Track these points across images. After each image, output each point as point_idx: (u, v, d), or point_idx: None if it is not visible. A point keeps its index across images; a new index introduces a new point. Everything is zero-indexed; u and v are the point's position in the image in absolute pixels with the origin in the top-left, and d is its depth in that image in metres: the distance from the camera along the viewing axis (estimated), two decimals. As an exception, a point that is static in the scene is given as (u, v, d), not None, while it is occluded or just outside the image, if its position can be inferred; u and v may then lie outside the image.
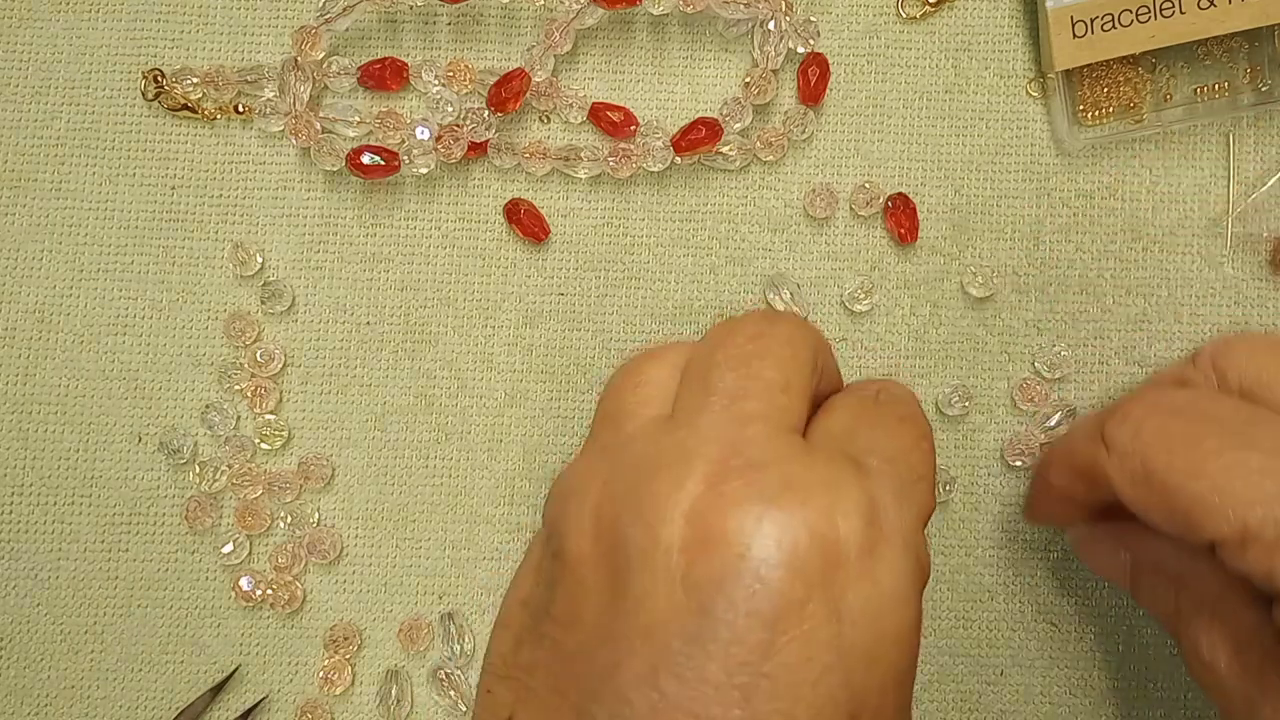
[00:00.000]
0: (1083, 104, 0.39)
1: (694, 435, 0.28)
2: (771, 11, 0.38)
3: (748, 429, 0.28)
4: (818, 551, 0.26)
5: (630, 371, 0.32)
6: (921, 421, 0.32)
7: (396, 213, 0.40)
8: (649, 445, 0.29)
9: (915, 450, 0.30)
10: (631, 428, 0.31)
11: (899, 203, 0.39)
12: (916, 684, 0.39)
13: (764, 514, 0.26)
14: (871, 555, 0.27)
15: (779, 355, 0.30)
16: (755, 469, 0.27)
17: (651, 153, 0.39)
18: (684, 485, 0.27)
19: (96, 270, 0.40)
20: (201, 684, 0.39)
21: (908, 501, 0.29)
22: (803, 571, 0.26)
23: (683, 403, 0.30)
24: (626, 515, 0.28)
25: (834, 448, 0.29)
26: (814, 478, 0.27)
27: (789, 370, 0.30)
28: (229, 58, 0.40)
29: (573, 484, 0.30)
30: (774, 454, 0.28)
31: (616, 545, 0.28)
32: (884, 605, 0.27)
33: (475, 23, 0.40)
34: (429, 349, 0.40)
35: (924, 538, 0.29)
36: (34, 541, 0.39)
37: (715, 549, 0.26)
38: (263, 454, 0.40)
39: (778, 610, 0.26)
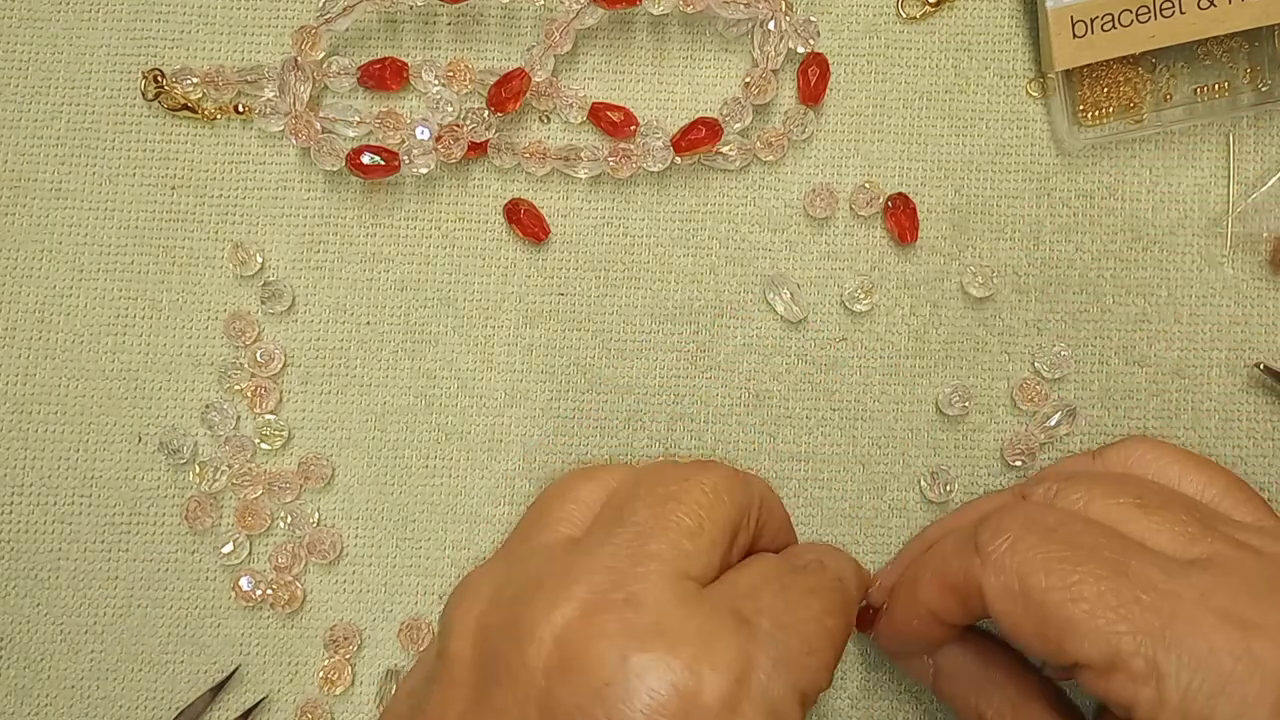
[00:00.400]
0: (1083, 104, 0.39)
1: (587, 561, 0.29)
2: (771, 11, 0.38)
3: (641, 566, 0.29)
4: (677, 700, 0.27)
5: (563, 486, 0.33)
6: (834, 597, 0.32)
7: (396, 213, 0.40)
8: (546, 562, 0.30)
9: (814, 623, 0.30)
10: (540, 541, 0.32)
11: (899, 203, 0.39)
12: (917, 684, 0.39)
13: (630, 653, 0.27)
14: (732, 714, 0.27)
15: (698, 502, 0.31)
16: (633, 607, 0.28)
17: (651, 153, 0.39)
18: (560, 608, 0.28)
19: (96, 270, 0.40)
20: (201, 684, 0.39)
21: (788, 671, 0.29)
22: (656, 715, 0.26)
23: (594, 528, 0.31)
24: (504, 627, 0.29)
25: (725, 601, 0.29)
26: (689, 627, 0.28)
27: (704, 519, 0.30)
28: (229, 58, 0.40)
29: (471, 585, 0.31)
30: (658, 597, 0.28)
31: (490, 655, 0.29)
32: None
33: (475, 23, 0.40)
34: (429, 349, 0.40)
35: (797, 712, 0.29)
36: (34, 541, 0.39)
37: (576, 677, 0.27)
38: (263, 454, 0.40)
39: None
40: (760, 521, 0.33)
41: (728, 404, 0.40)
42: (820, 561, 0.33)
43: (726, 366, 0.40)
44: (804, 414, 0.40)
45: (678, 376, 0.40)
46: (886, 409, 0.40)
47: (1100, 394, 0.39)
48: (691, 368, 0.40)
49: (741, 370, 0.40)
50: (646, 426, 0.40)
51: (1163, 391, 0.39)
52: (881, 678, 0.39)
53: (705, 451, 0.39)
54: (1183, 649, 0.28)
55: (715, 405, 0.40)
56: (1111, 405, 0.39)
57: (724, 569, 0.31)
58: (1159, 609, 0.28)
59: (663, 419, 0.40)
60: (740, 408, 0.40)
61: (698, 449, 0.39)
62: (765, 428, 0.40)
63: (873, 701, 0.39)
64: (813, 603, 0.31)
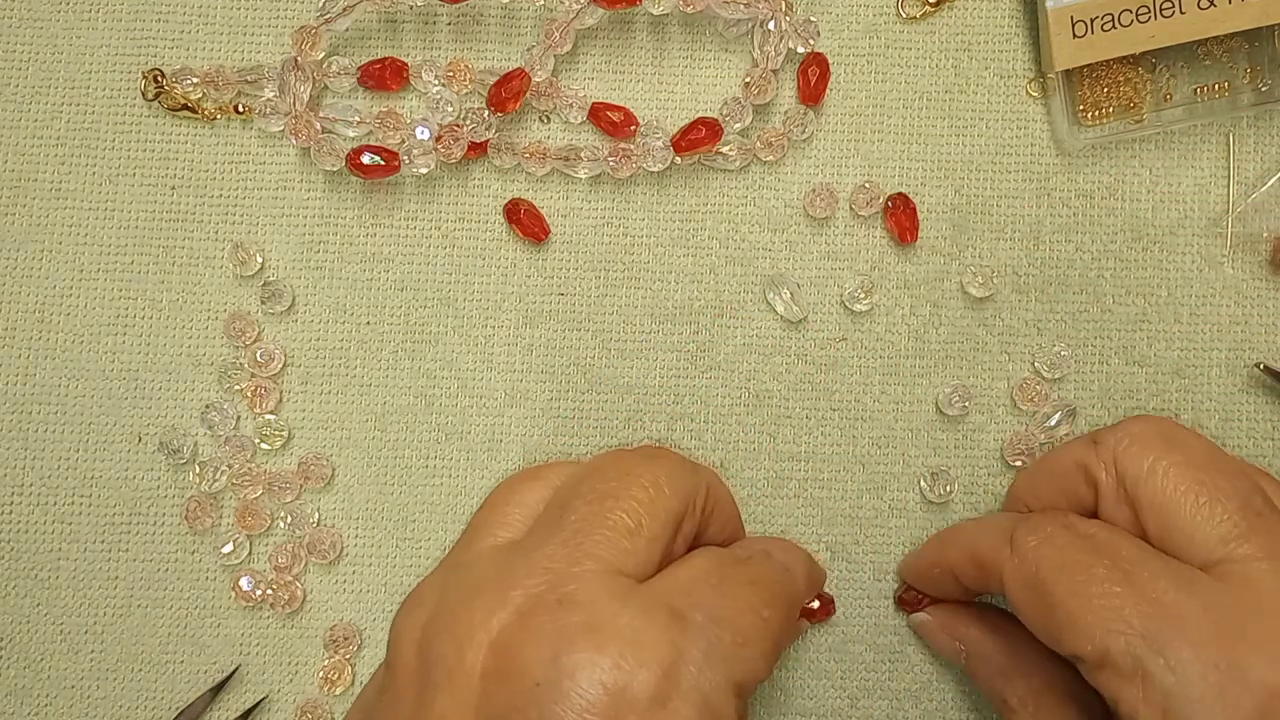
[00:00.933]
0: (1083, 104, 0.39)
1: (524, 564, 0.30)
2: (771, 11, 0.38)
3: (577, 566, 0.29)
4: (606, 696, 0.27)
5: (506, 490, 0.34)
6: (774, 589, 0.32)
7: (396, 213, 0.40)
8: (486, 567, 0.31)
9: (750, 614, 0.30)
10: (481, 547, 0.32)
11: (899, 203, 0.39)
12: (916, 684, 0.39)
13: (560, 652, 0.27)
14: (662, 709, 0.27)
15: (637, 499, 0.31)
16: (565, 607, 0.28)
17: (651, 153, 0.39)
18: (496, 613, 0.29)
19: (96, 270, 0.40)
20: (201, 684, 0.39)
21: (721, 663, 0.29)
22: (587, 714, 0.27)
23: (535, 529, 0.32)
24: (444, 633, 0.29)
25: (658, 597, 0.29)
26: (619, 624, 0.28)
27: (644, 515, 0.31)
28: (229, 58, 0.40)
29: (416, 595, 0.31)
30: (591, 595, 0.29)
31: (431, 662, 0.29)
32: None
33: (475, 23, 0.40)
34: (429, 349, 0.40)
35: (732, 701, 0.29)
36: (34, 541, 0.39)
37: (510, 680, 0.28)
38: (263, 454, 0.40)
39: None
40: (707, 510, 0.33)
41: (728, 404, 0.40)
42: (766, 553, 0.33)
43: (726, 366, 0.40)
44: (804, 414, 0.40)
45: (678, 376, 0.40)
46: (886, 409, 0.40)
47: (1100, 394, 0.39)
48: (691, 368, 0.40)
49: (741, 370, 0.40)
50: (646, 426, 0.40)
51: (1163, 391, 0.39)
52: (881, 678, 0.39)
53: (705, 451, 0.39)
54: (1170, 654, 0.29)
55: (715, 405, 0.40)
56: (1111, 405, 0.39)
57: (667, 562, 0.31)
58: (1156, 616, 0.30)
59: (663, 419, 0.40)
60: (740, 408, 0.40)
61: (698, 449, 0.39)
62: (765, 428, 0.40)
63: (873, 701, 0.39)
64: (749, 594, 0.31)
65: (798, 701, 0.39)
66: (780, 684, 0.39)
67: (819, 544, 0.39)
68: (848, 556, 0.39)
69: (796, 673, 0.39)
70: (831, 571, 0.39)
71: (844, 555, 0.39)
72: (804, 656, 0.39)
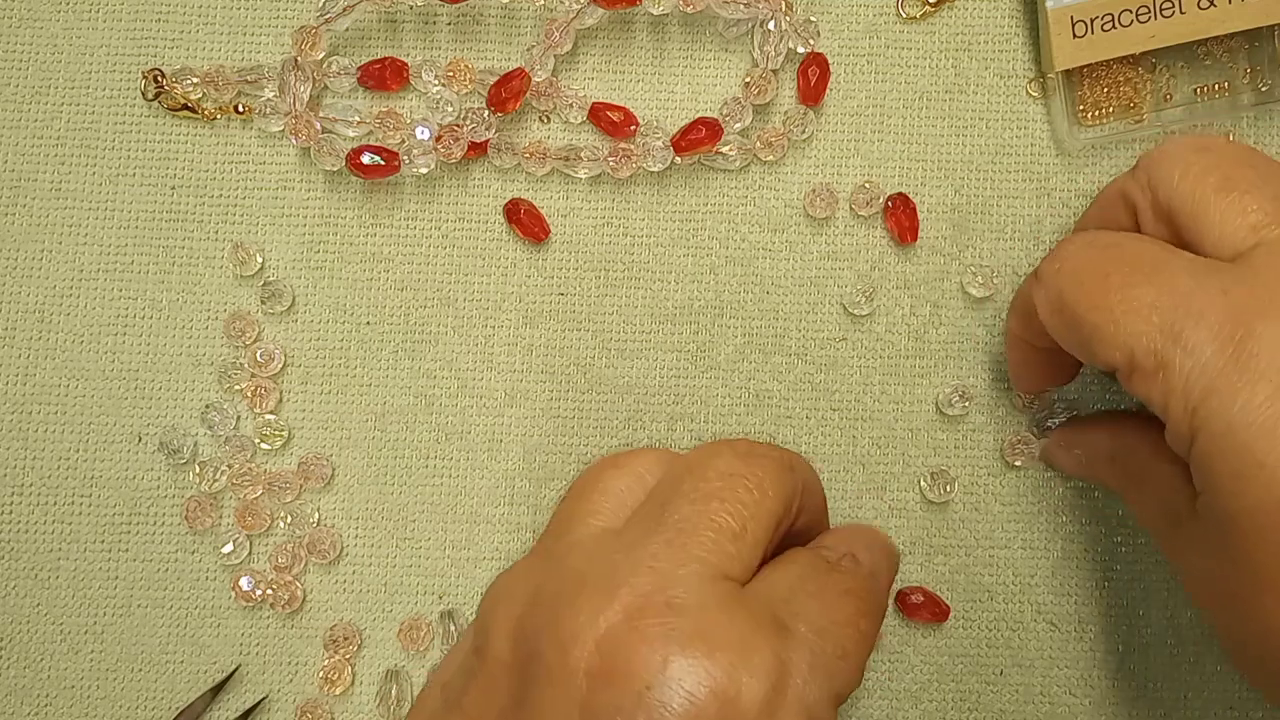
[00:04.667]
0: (1083, 104, 0.39)
1: (628, 562, 0.29)
2: (771, 11, 0.38)
3: (683, 569, 0.29)
4: (715, 705, 0.27)
5: (591, 478, 0.33)
6: (869, 598, 0.32)
7: (396, 213, 0.40)
8: (585, 561, 0.30)
9: (849, 626, 0.30)
10: (575, 537, 0.31)
11: (899, 203, 0.39)
12: (916, 684, 0.39)
13: (671, 657, 0.27)
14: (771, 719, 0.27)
15: (743, 501, 0.30)
16: (675, 611, 0.28)
17: (651, 153, 0.39)
18: (603, 612, 0.28)
19: (96, 270, 0.40)
20: (201, 684, 0.39)
21: (823, 676, 0.29)
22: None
23: (634, 523, 0.31)
24: (545, 629, 0.29)
25: (764, 606, 0.29)
26: (730, 632, 0.28)
27: (749, 518, 0.30)
28: (229, 58, 0.40)
29: (508, 584, 0.31)
30: (699, 600, 0.28)
31: (531, 655, 0.29)
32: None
33: (475, 23, 0.40)
34: (429, 349, 0.40)
35: (831, 714, 0.29)
36: (34, 541, 0.39)
37: (618, 681, 0.27)
38: (263, 454, 0.40)
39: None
40: (801, 508, 0.33)
41: (728, 404, 0.40)
42: (853, 556, 0.33)
43: (726, 366, 0.40)
44: (804, 414, 0.40)
45: (678, 376, 0.40)
46: (886, 409, 0.40)
47: (1100, 394, 0.39)
48: (691, 368, 0.40)
49: (741, 370, 0.40)
50: (646, 426, 0.40)
51: (1163, 391, 0.39)
52: (881, 678, 0.39)
53: (705, 451, 0.39)
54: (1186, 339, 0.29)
55: (715, 405, 0.40)
56: (1111, 405, 0.39)
57: (765, 563, 0.31)
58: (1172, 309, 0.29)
59: (663, 419, 0.40)
60: (740, 408, 0.40)
61: (698, 449, 0.39)
62: (765, 428, 0.40)
63: (873, 701, 0.39)
64: (847, 605, 0.31)
65: (798, 701, 0.39)
66: (780, 684, 0.39)
67: (819, 544, 0.39)
68: (848, 556, 0.39)
69: (796, 673, 0.39)
70: (831, 571, 0.39)
71: (844, 555, 0.39)
72: (804, 656, 0.39)
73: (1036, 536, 0.39)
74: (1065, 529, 0.39)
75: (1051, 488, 0.39)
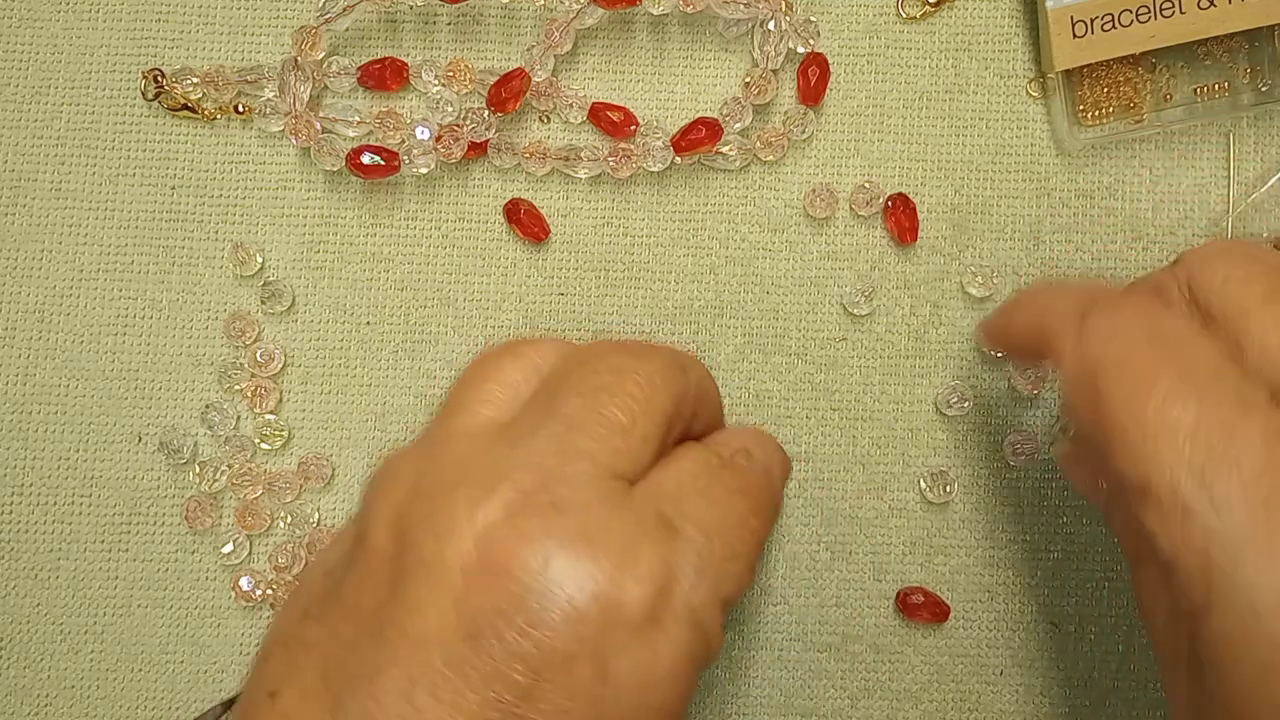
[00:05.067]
0: (1083, 104, 0.39)
1: (513, 456, 0.28)
2: (771, 11, 0.38)
3: (569, 465, 0.28)
4: (597, 609, 0.26)
5: (483, 364, 0.32)
6: (761, 495, 0.31)
7: (396, 213, 0.40)
8: (469, 451, 0.29)
9: (739, 527, 0.30)
10: (461, 424, 0.30)
11: (899, 203, 0.39)
12: (916, 684, 0.39)
13: (552, 559, 0.26)
14: (655, 625, 0.27)
15: (633, 395, 0.29)
16: (558, 510, 0.27)
17: (651, 153, 0.39)
18: (482, 506, 0.27)
19: (96, 270, 0.40)
20: (201, 684, 0.39)
21: (711, 578, 0.28)
22: (577, 625, 0.26)
23: (523, 415, 0.30)
24: (423, 520, 0.28)
25: (651, 505, 0.28)
26: (615, 534, 0.27)
27: (639, 414, 0.29)
28: (229, 58, 0.40)
29: (390, 470, 0.30)
30: (584, 499, 0.27)
31: (408, 547, 0.28)
32: (656, 677, 0.27)
33: (475, 23, 0.40)
34: (429, 349, 0.40)
35: (719, 616, 0.28)
36: (34, 541, 0.39)
37: (496, 581, 0.26)
38: (263, 454, 0.40)
39: (544, 657, 0.26)
40: (696, 412, 0.32)
41: (728, 404, 0.40)
42: (747, 451, 0.32)
43: (726, 366, 0.40)
44: (804, 414, 0.40)
45: (678, 376, 0.40)
46: (886, 409, 0.40)
47: (1100, 394, 0.39)
48: (691, 368, 0.40)
49: (741, 370, 0.40)
50: (646, 426, 0.40)
51: (1163, 391, 0.39)
52: (881, 678, 0.39)
53: (705, 451, 0.39)
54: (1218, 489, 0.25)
55: (715, 405, 0.40)
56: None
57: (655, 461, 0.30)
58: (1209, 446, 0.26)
59: (663, 419, 0.40)
60: (740, 408, 0.40)
61: (698, 449, 0.39)
62: (765, 428, 0.40)
63: (873, 701, 0.39)
64: (738, 504, 0.30)
65: (798, 701, 0.39)
66: (780, 684, 0.39)
67: (819, 544, 0.39)
68: (848, 556, 0.39)
69: (797, 673, 0.39)
70: (831, 571, 0.39)
71: (844, 555, 0.39)
72: (804, 656, 0.39)
73: (1036, 536, 0.39)
74: (1065, 529, 0.39)
75: (1051, 488, 0.39)
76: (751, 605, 0.39)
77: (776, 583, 0.39)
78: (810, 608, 0.39)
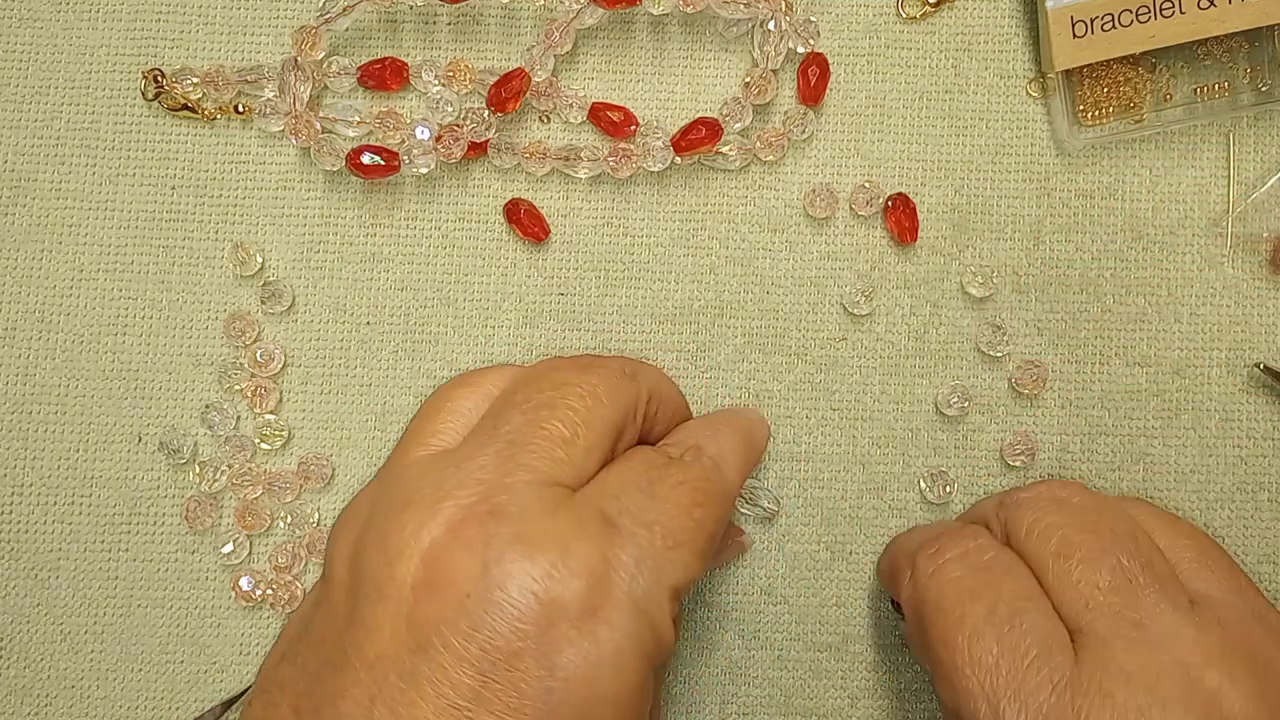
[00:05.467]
0: (1083, 104, 0.39)
1: (457, 475, 0.29)
2: (771, 11, 0.38)
3: (510, 477, 0.29)
4: (537, 605, 0.27)
5: (439, 397, 0.33)
6: (704, 486, 0.32)
7: (396, 213, 0.40)
8: (417, 478, 0.30)
9: (681, 517, 0.30)
10: (412, 457, 0.32)
11: (899, 203, 0.39)
12: (917, 683, 0.39)
13: (490, 563, 0.27)
14: (595, 616, 0.28)
15: (573, 408, 0.31)
16: (497, 518, 0.28)
17: (651, 153, 0.39)
18: (428, 525, 0.28)
19: (96, 270, 0.40)
20: (201, 684, 0.39)
21: (653, 568, 0.29)
22: (518, 623, 0.27)
23: (469, 439, 0.31)
24: (374, 546, 0.29)
25: (592, 505, 0.29)
26: (551, 535, 0.28)
27: (580, 424, 0.30)
28: (229, 58, 0.40)
29: (349, 510, 0.31)
30: (523, 506, 0.29)
31: (363, 574, 0.29)
32: (602, 667, 0.27)
33: (475, 23, 0.40)
34: (429, 349, 0.40)
35: (667, 605, 0.29)
36: (34, 541, 0.39)
37: (440, 590, 0.27)
38: (263, 454, 0.40)
39: (489, 658, 0.27)
40: (650, 415, 0.33)
41: (727, 404, 0.40)
42: (697, 448, 0.33)
43: (726, 366, 0.40)
44: (804, 414, 0.40)
45: (678, 376, 0.40)
46: (886, 409, 0.40)
47: (1100, 394, 0.39)
48: (691, 368, 0.40)
49: (741, 370, 0.40)
50: (646, 426, 0.40)
51: (1163, 391, 0.39)
52: (882, 678, 0.39)
53: (705, 451, 0.39)
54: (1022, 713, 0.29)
55: (715, 405, 0.40)
56: (1111, 405, 0.39)
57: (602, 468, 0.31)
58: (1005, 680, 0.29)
59: (663, 419, 0.40)
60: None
61: (698, 449, 0.39)
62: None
63: (873, 701, 0.39)
64: (680, 495, 0.31)
65: (798, 701, 0.39)
66: (780, 684, 0.39)
67: (819, 544, 0.39)
68: (848, 556, 0.39)
69: (797, 673, 0.39)
70: (831, 571, 0.39)
71: (844, 555, 0.39)
72: (804, 656, 0.39)
73: (1036, 536, 0.39)
74: (1065, 529, 0.39)
75: (1051, 488, 0.39)
76: (751, 605, 0.39)
77: (776, 583, 0.39)
78: (810, 608, 0.39)
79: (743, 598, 0.39)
